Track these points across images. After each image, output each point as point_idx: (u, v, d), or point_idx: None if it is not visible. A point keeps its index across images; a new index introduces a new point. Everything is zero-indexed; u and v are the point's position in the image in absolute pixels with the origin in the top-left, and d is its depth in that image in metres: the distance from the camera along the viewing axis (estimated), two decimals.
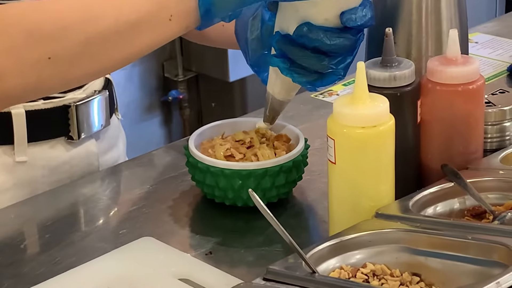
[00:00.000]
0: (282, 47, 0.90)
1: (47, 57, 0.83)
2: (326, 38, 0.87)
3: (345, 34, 0.88)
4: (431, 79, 0.94)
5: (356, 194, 0.87)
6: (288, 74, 0.90)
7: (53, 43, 0.83)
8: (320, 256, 0.81)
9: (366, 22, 0.88)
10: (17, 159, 1.09)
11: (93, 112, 1.14)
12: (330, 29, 0.88)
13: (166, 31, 0.84)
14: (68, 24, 0.83)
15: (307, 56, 0.88)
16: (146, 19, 0.83)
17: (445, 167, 0.92)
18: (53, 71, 0.84)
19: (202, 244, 0.95)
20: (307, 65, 0.89)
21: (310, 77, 0.90)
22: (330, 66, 0.89)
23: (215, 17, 0.84)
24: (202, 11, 0.83)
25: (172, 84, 2.50)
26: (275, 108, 0.97)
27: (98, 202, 1.05)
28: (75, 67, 0.84)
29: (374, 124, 0.86)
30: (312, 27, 0.87)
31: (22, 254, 0.95)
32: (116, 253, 0.92)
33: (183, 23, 0.84)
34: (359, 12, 0.87)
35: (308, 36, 0.87)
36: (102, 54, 0.84)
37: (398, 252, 0.82)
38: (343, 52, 0.89)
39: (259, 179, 0.98)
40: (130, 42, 0.84)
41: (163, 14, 0.83)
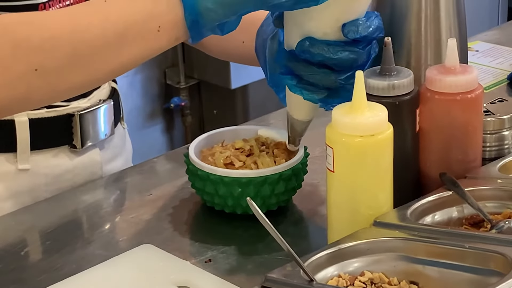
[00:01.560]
0: (288, 64, 0.89)
1: (34, 69, 0.82)
2: (329, 52, 0.86)
3: (350, 47, 0.86)
4: (429, 88, 0.94)
5: (354, 202, 0.87)
6: (297, 91, 0.89)
7: (40, 54, 0.82)
8: (318, 264, 0.81)
9: (371, 33, 0.86)
10: (20, 167, 1.09)
11: (98, 121, 1.14)
12: (334, 42, 0.86)
13: (155, 42, 0.84)
14: (55, 35, 0.83)
15: (313, 72, 0.87)
16: (133, 30, 0.83)
17: (444, 176, 0.93)
18: (41, 82, 0.84)
19: (201, 252, 0.95)
20: (315, 81, 0.88)
21: (320, 93, 0.89)
22: (339, 81, 0.88)
23: (202, 28, 0.83)
24: (189, 22, 0.82)
25: (174, 91, 2.51)
26: (295, 128, 0.96)
27: (99, 209, 1.06)
28: (63, 79, 0.84)
29: (372, 133, 0.86)
30: (314, 41, 0.86)
31: (23, 261, 0.96)
32: (116, 260, 0.93)
33: (172, 35, 0.83)
34: (362, 24, 0.86)
35: (310, 50, 0.86)
36: (89, 65, 0.84)
37: (396, 261, 0.83)
38: (351, 66, 0.87)
39: (258, 187, 0.98)
40: (118, 53, 0.83)
41: (151, 25, 0.82)
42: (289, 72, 0.89)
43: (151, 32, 0.83)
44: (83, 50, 0.83)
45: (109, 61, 0.84)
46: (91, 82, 0.86)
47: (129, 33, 0.83)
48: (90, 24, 0.83)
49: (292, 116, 0.95)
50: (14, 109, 0.90)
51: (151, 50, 0.85)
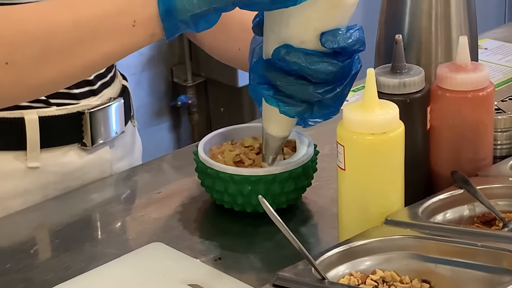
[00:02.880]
0: (264, 73, 0.85)
1: (4, 62, 0.81)
2: (306, 61, 0.82)
3: (329, 59, 0.82)
4: (440, 85, 0.94)
5: (365, 200, 0.87)
6: (273, 103, 0.85)
7: (11, 48, 0.81)
8: (329, 263, 0.81)
9: (351, 45, 0.82)
10: (29, 165, 1.09)
11: (108, 119, 1.13)
12: (311, 52, 0.82)
13: (129, 38, 0.82)
14: (27, 29, 0.81)
15: (290, 82, 0.84)
16: (107, 25, 0.81)
17: (455, 174, 0.92)
18: (10, 78, 0.82)
19: (211, 250, 0.95)
20: (292, 93, 0.84)
21: (298, 106, 0.85)
22: (316, 94, 0.84)
23: (176, 19, 0.80)
24: (162, 11, 0.80)
25: (181, 89, 2.51)
26: (270, 145, 0.92)
27: (108, 208, 1.06)
28: (34, 74, 0.83)
29: (383, 131, 0.86)
30: (290, 49, 0.83)
31: (33, 259, 0.96)
32: (126, 258, 0.93)
33: (147, 30, 0.81)
34: (341, 34, 0.82)
35: (286, 59, 0.82)
36: (61, 61, 0.82)
37: (407, 259, 0.82)
38: (329, 79, 0.83)
39: (268, 185, 0.98)
40: (91, 48, 0.82)
41: (125, 19, 0.81)
42: (266, 82, 0.86)
43: (126, 27, 0.81)
44: (55, 45, 0.81)
45: (82, 56, 0.82)
46: (64, 78, 0.85)
47: (102, 27, 0.81)
48: (63, 18, 0.82)
49: (267, 131, 0.91)
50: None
51: (126, 46, 0.83)
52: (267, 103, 0.87)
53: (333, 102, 0.85)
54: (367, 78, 0.86)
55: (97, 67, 0.85)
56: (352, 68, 0.85)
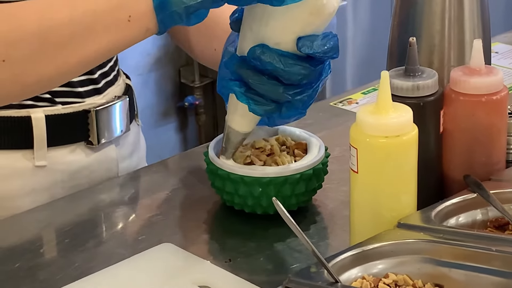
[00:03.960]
0: (238, 70, 0.87)
1: (1, 60, 0.81)
2: (280, 62, 0.84)
3: (303, 63, 0.85)
4: (454, 89, 0.93)
5: (378, 203, 0.86)
6: (244, 100, 0.87)
7: (7, 45, 0.81)
8: (342, 266, 0.81)
9: (325, 52, 0.84)
10: (37, 164, 1.09)
11: (113, 118, 1.13)
12: (287, 54, 0.85)
13: (125, 33, 0.83)
14: (23, 25, 0.82)
15: (262, 82, 0.86)
16: (103, 20, 0.82)
17: (468, 178, 0.92)
18: (7, 75, 0.83)
19: (221, 251, 0.95)
20: (263, 92, 0.86)
21: (267, 105, 0.87)
22: (285, 95, 0.86)
23: (170, 9, 0.81)
24: (156, 3, 0.81)
25: (188, 90, 2.50)
26: (231, 139, 0.94)
27: (117, 208, 1.05)
28: (31, 71, 0.83)
29: (397, 134, 0.85)
30: (266, 49, 0.85)
31: (42, 259, 0.95)
32: (135, 259, 0.92)
33: (142, 25, 0.82)
34: (317, 40, 0.84)
35: (261, 58, 0.85)
36: (57, 57, 0.82)
37: (420, 263, 0.82)
38: (300, 82, 0.85)
39: (279, 187, 0.97)
40: (87, 43, 0.82)
41: (121, 14, 0.82)
42: (238, 79, 0.87)
43: (121, 22, 0.82)
44: (51, 40, 0.82)
45: (77, 52, 0.83)
46: (60, 74, 0.85)
47: (98, 23, 0.82)
48: (58, 13, 0.82)
49: (230, 125, 0.93)
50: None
51: (122, 41, 0.83)
52: (236, 99, 0.89)
53: (301, 104, 0.88)
54: (381, 80, 0.86)
55: (93, 63, 0.85)
56: (322, 73, 0.87)
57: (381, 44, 0.93)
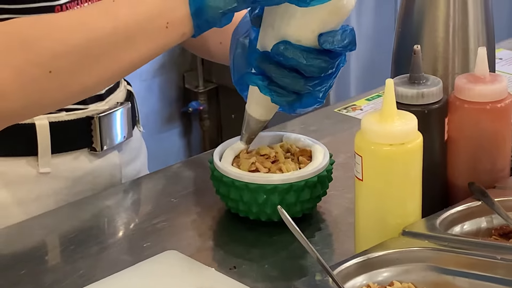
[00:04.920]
0: (261, 65, 0.91)
1: (47, 71, 0.84)
2: (302, 58, 0.88)
3: (323, 56, 0.88)
4: (459, 96, 0.93)
5: (383, 211, 0.87)
6: (267, 92, 0.91)
7: (53, 57, 0.84)
8: (347, 274, 0.81)
9: (345, 46, 0.88)
10: (41, 171, 1.09)
11: (116, 124, 1.14)
12: (308, 49, 0.88)
13: (163, 39, 0.85)
14: (66, 37, 0.84)
15: (285, 75, 0.89)
16: (143, 28, 0.84)
17: (472, 186, 0.92)
18: (54, 85, 0.85)
19: (226, 259, 0.95)
20: (285, 84, 0.90)
21: (288, 97, 0.91)
22: (307, 87, 0.90)
23: (206, 15, 0.84)
24: (193, 10, 0.84)
25: (192, 95, 2.51)
26: (251, 127, 0.98)
27: (121, 215, 1.05)
28: (76, 80, 0.85)
29: (402, 142, 0.85)
30: (289, 45, 0.88)
31: (47, 266, 0.95)
32: (141, 266, 0.92)
33: (179, 30, 0.85)
34: (337, 36, 0.88)
35: (284, 54, 0.88)
36: (101, 65, 0.85)
37: (425, 271, 0.82)
38: (320, 74, 0.89)
39: (283, 194, 0.97)
40: (128, 51, 0.85)
41: (160, 22, 0.84)
42: (261, 73, 0.91)
43: (160, 29, 0.84)
44: (94, 50, 0.84)
45: (119, 60, 0.85)
46: (103, 82, 0.88)
47: (139, 31, 0.84)
48: (100, 24, 0.84)
49: (251, 114, 0.97)
50: (27, 113, 0.91)
51: (160, 47, 0.86)
52: (258, 91, 0.92)
53: (321, 93, 0.91)
54: (386, 88, 0.86)
55: (133, 69, 0.88)
56: (340, 64, 0.91)
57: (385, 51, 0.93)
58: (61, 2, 1.04)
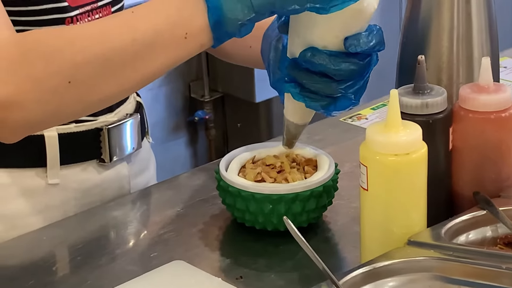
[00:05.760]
0: (291, 72, 0.91)
1: (67, 82, 0.84)
2: (330, 63, 0.88)
3: (351, 59, 0.88)
4: (463, 106, 0.94)
5: (388, 221, 0.87)
6: (300, 99, 0.91)
7: (73, 67, 0.84)
8: (353, 283, 0.81)
9: (372, 48, 0.88)
10: (50, 182, 1.09)
11: (125, 135, 1.14)
12: (335, 53, 0.88)
13: (182, 49, 0.85)
14: (86, 48, 0.84)
15: (315, 81, 0.89)
16: (162, 38, 0.84)
17: (477, 195, 0.92)
18: (73, 95, 0.85)
19: (232, 268, 0.95)
20: (317, 90, 0.90)
21: (322, 101, 0.91)
22: (339, 90, 0.89)
23: (225, 27, 0.84)
24: (212, 22, 0.83)
25: (198, 105, 2.51)
26: (291, 131, 0.98)
27: (128, 225, 1.06)
28: (95, 90, 0.85)
29: (407, 152, 0.86)
30: (316, 51, 0.88)
31: (54, 276, 0.96)
32: (147, 276, 0.93)
33: (198, 40, 0.85)
34: (363, 38, 0.87)
35: (312, 61, 0.88)
36: (120, 76, 0.85)
37: (431, 280, 0.82)
38: (351, 76, 0.89)
39: (289, 203, 0.98)
40: (148, 62, 0.85)
41: (179, 32, 0.84)
42: (292, 80, 0.91)
43: (179, 39, 0.84)
44: (114, 61, 0.84)
45: (139, 70, 0.85)
46: (122, 92, 0.88)
47: (158, 41, 0.84)
48: (120, 35, 0.84)
49: (289, 119, 0.97)
50: (47, 124, 0.92)
51: (179, 57, 0.86)
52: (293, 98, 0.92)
53: (354, 95, 0.90)
54: (390, 99, 0.87)
55: (152, 79, 0.88)
56: (371, 64, 0.90)
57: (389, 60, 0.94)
58: (71, 14, 1.04)
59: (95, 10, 1.07)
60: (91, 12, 1.06)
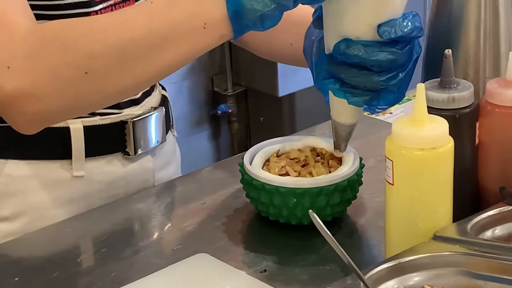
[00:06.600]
0: (329, 68, 0.88)
1: (83, 72, 0.84)
2: (366, 53, 0.84)
3: (389, 48, 0.85)
4: (490, 101, 0.93)
5: (413, 215, 0.87)
6: (341, 95, 0.88)
7: (89, 58, 0.84)
8: (378, 278, 0.81)
9: (408, 33, 0.84)
10: (75, 174, 1.10)
11: (150, 129, 1.14)
12: (370, 43, 0.85)
13: (201, 40, 0.84)
14: (103, 39, 0.84)
15: (354, 74, 0.86)
16: (179, 29, 0.83)
17: (504, 190, 0.92)
18: (90, 87, 0.85)
19: (256, 262, 0.95)
20: (357, 83, 0.87)
21: (364, 96, 0.87)
22: (380, 82, 0.86)
23: (244, 19, 0.82)
24: (231, 13, 0.82)
25: (221, 98, 2.51)
26: (340, 133, 0.95)
27: (153, 217, 1.06)
28: (112, 82, 0.85)
29: (433, 146, 0.85)
30: (350, 43, 0.85)
31: (79, 268, 0.96)
32: (172, 269, 0.93)
33: (217, 31, 0.83)
34: (397, 24, 0.84)
35: (346, 52, 0.85)
36: (137, 67, 0.84)
37: (457, 276, 0.82)
38: (391, 66, 0.85)
39: (314, 197, 0.98)
40: (165, 53, 0.84)
41: (196, 22, 0.83)
42: (331, 76, 0.88)
43: (197, 30, 0.83)
44: (131, 52, 0.84)
45: (156, 61, 0.84)
46: (139, 83, 0.87)
47: (175, 32, 0.83)
48: (136, 26, 0.84)
49: (336, 120, 0.94)
50: (64, 115, 0.91)
51: (197, 49, 0.85)
52: (334, 96, 0.89)
53: (397, 88, 0.87)
54: (416, 93, 0.86)
55: (171, 70, 0.87)
56: (413, 53, 0.87)
57: None
58: (96, 9, 1.04)
59: (119, 4, 1.07)
60: (114, 6, 1.06)
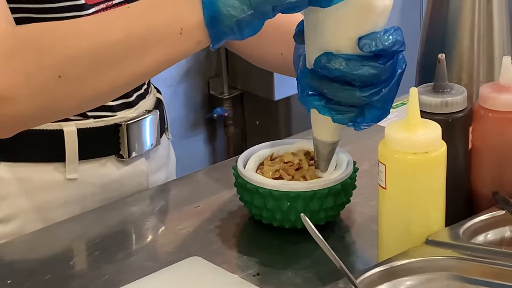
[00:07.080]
0: (312, 83, 0.86)
1: (57, 76, 0.83)
2: (348, 67, 0.83)
3: (371, 62, 0.83)
4: (483, 105, 0.93)
5: (406, 220, 0.87)
6: (326, 112, 0.87)
7: (63, 61, 0.83)
8: (370, 282, 0.81)
9: (389, 47, 0.83)
10: (68, 177, 1.10)
11: (144, 132, 1.14)
12: (350, 57, 0.83)
13: (177, 46, 0.83)
14: (79, 42, 0.83)
15: (336, 89, 0.85)
16: (156, 33, 0.82)
17: (496, 195, 0.92)
18: (64, 90, 0.84)
19: (249, 265, 0.95)
20: (340, 99, 0.85)
21: (348, 113, 0.86)
22: (363, 98, 0.85)
23: (221, 25, 0.81)
24: (207, 18, 0.81)
25: (217, 102, 2.52)
26: (322, 151, 0.94)
27: (146, 220, 1.06)
28: (87, 86, 0.84)
29: (426, 150, 0.86)
30: (331, 56, 0.84)
31: (72, 271, 0.96)
32: (165, 272, 0.93)
33: (194, 37, 0.83)
34: (378, 37, 0.83)
35: (327, 66, 0.84)
36: (113, 71, 0.84)
37: (449, 280, 0.82)
38: (374, 81, 0.84)
39: (307, 201, 0.98)
40: (142, 57, 0.83)
41: (173, 27, 0.82)
42: (315, 91, 0.87)
43: (174, 35, 0.82)
44: (106, 56, 0.83)
45: (132, 66, 0.84)
46: (115, 88, 0.86)
47: (152, 37, 0.83)
48: (113, 30, 0.83)
49: (317, 137, 0.93)
50: (39, 119, 0.90)
51: (174, 54, 0.84)
52: (318, 113, 0.88)
53: (382, 104, 0.86)
54: (410, 97, 0.86)
55: (147, 76, 0.86)
56: (396, 68, 0.86)
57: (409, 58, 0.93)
58: (88, 12, 1.04)
59: (111, 7, 1.07)
60: (106, 10, 1.06)
